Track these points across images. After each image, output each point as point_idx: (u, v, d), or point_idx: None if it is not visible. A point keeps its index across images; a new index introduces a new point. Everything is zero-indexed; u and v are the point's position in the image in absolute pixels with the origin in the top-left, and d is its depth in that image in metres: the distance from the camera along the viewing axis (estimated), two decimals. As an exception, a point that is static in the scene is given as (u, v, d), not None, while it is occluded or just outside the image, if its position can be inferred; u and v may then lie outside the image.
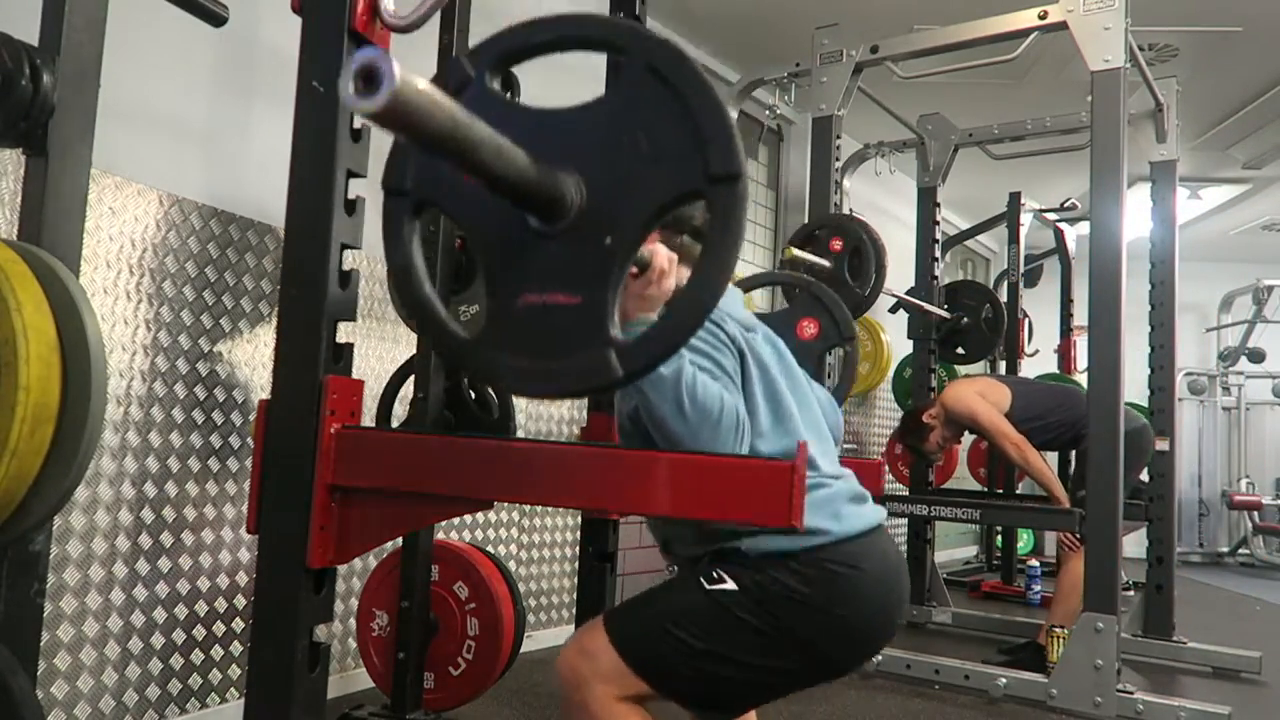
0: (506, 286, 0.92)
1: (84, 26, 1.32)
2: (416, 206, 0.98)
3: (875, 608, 1.38)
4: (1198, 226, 7.05)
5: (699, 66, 0.88)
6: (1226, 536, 8.02)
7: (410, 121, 0.67)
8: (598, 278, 0.88)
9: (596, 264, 0.88)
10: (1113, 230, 2.84)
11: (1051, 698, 2.78)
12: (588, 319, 0.87)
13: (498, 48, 0.96)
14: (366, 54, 0.63)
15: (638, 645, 1.35)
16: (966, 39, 3.18)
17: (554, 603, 3.44)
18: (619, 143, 0.89)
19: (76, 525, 1.99)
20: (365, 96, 0.62)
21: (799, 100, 4.29)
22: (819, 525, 1.35)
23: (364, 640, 2.31)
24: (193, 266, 2.25)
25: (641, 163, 0.88)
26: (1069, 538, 3.31)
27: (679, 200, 0.88)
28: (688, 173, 0.86)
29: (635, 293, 1.25)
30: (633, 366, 0.86)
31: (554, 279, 0.90)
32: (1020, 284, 5.26)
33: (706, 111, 0.86)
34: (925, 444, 3.73)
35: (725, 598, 1.33)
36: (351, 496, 1.11)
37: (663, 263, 1.25)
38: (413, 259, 0.96)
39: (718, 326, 1.38)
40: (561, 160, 0.89)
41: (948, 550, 6.58)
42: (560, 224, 0.89)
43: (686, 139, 0.86)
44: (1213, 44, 4.21)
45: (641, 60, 0.89)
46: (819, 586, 1.33)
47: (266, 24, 2.42)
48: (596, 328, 0.87)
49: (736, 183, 0.84)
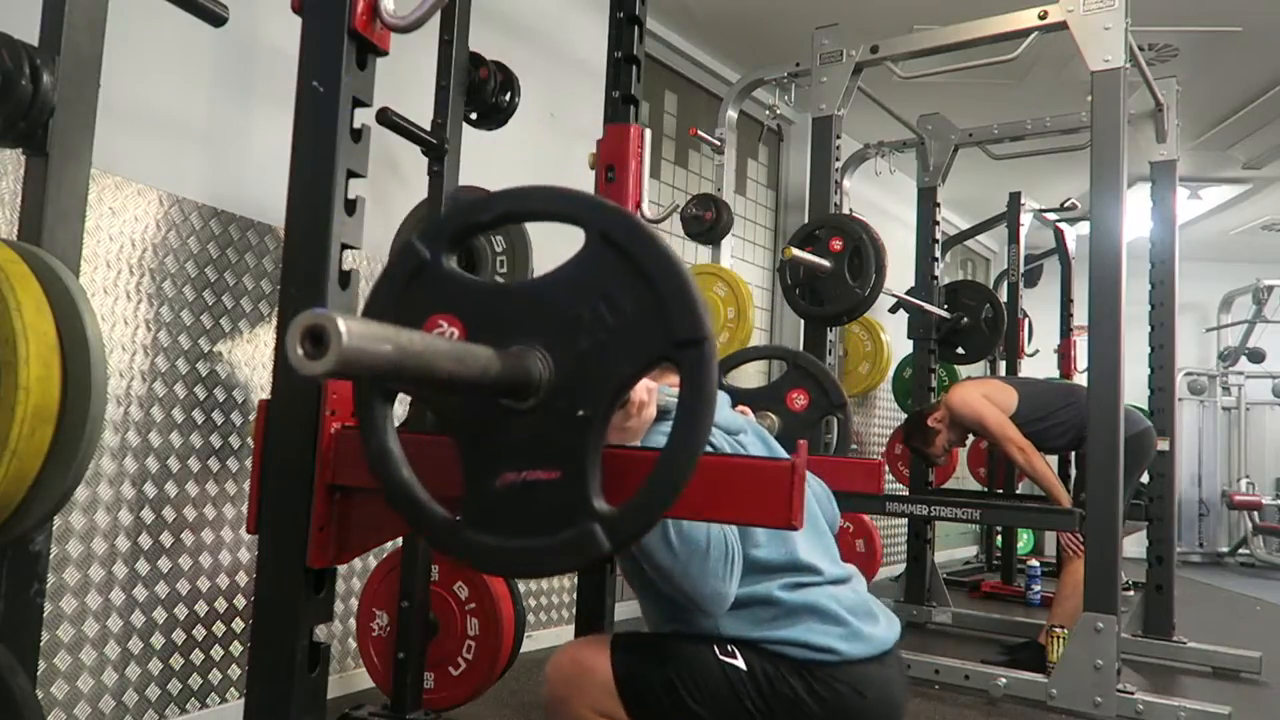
0: (483, 467, 0.91)
1: (84, 26, 1.32)
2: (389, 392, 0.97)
3: None
4: (1198, 226, 7.05)
5: (652, 232, 0.88)
6: (1226, 536, 8.01)
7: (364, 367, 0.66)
8: (575, 450, 0.87)
9: (572, 436, 0.87)
10: (1113, 230, 2.84)
11: (1051, 698, 2.78)
12: (570, 494, 0.87)
13: (448, 228, 0.97)
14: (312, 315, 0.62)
15: (637, 679, 1.36)
16: (966, 39, 3.18)
17: (554, 603, 3.44)
18: (581, 314, 0.88)
19: (76, 525, 1.99)
20: (315, 358, 0.62)
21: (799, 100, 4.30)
22: (830, 644, 1.36)
23: (364, 640, 2.31)
24: (193, 266, 2.25)
25: (606, 333, 0.87)
26: (1072, 542, 3.31)
27: (648, 366, 0.87)
28: (653, 340, 0.86)
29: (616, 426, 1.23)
30: (620, 539, 0.86)
31: (530, 455, 0.89)
32: (1020, 284, 5.26)
33: (665, 277, 0.85)
34: (931, 448, 3.72)
35: (732, 673, 1.35)
36: (351, 496, 1.11)
37: (641, 395, 1.23)
38: (388, 444, 0.95)
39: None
40: (525, 335, 0.89)
41: (948, 550, 6.58)
42: (530, 401, 0.89)
43: (648, 306, 0.86)
44: (1213, 44, 4.21)
45: (595, 229, 0.89)
46: (824, 705, 1.35)
47: (266, 24, 2.42)
48: (579, 502, 0.86)
49: (702, 346, 0.83)
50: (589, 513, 0.86)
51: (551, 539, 0.87)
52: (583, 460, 0.87)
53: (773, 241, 5.20)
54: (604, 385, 0.87)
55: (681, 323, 0.84)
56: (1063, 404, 3.45)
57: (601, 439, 0.88)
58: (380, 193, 2.67)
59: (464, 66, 2.22)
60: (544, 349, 0.89)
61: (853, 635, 1.39)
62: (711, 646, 1.37)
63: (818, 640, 1.36)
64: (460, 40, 2.20)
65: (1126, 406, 2.90)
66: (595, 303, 0.88)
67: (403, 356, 0.70)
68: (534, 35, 3.40)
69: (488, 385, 0.84)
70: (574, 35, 3.54)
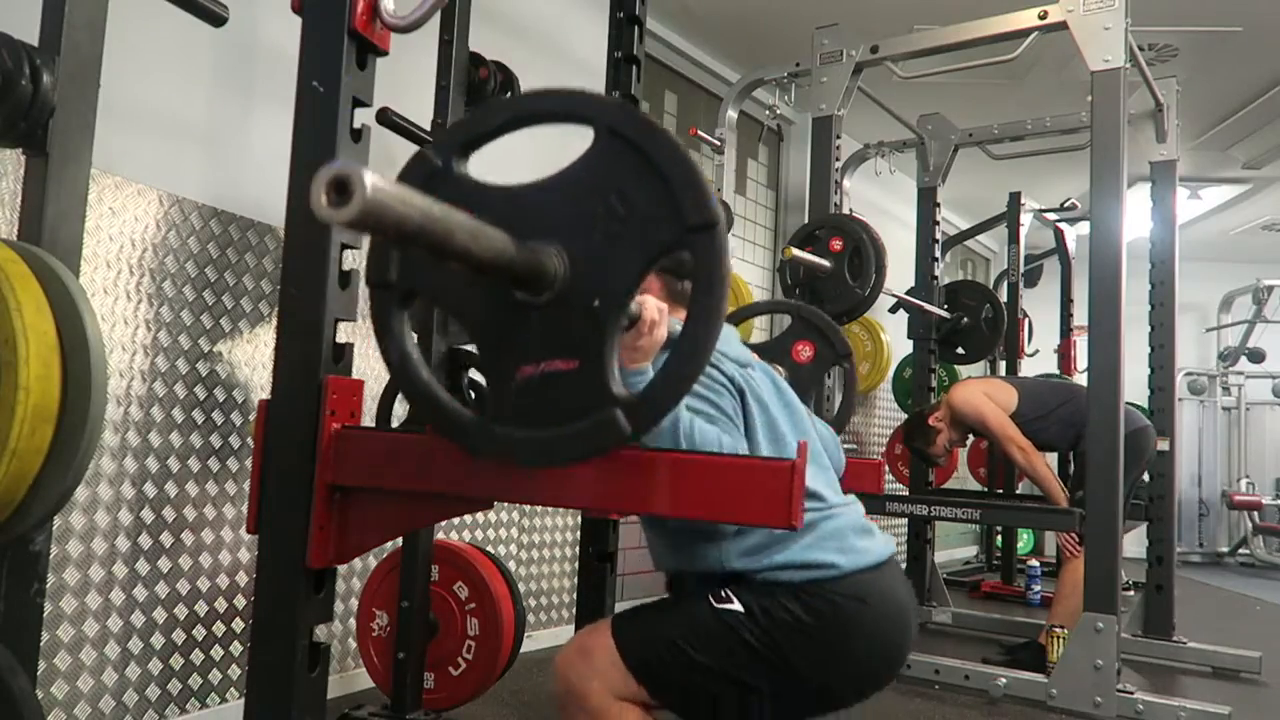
0: (502, 362, 0.93)
1: (84, 26, 1.32)
2: (404, 297, 0.99)
3: (878, 643, 1.39)
4: (1198, 226, 7.05)
5: (658, 124, 0.89)
6: (1226, 536, 8.01)
7: (385, 223, 0.67)
8: (593, 340, 0.89)
9: (589, 327, 0.89)
10: (1113, 230, 2.84)
11: (1051, 698, 2.78)
12: (589, 382, 0.88)
13: (459, 136, 0.99)
14: (337, 165, 0.63)
15: (640, 648, 1.37)
16: (966, 39, 3.18)
17: (554, 603, 3.44)
18: (594, 209, 0.90)
19: (76, 525, 1.99)
20: (338, 206, 0.63)
21: (799, 100, 4.29)
22: (826, 559, 1.37)
23: (364, 640, 2.31)
24: (193, 266, 2.25)
25: (619, 224, 0.89)
26: (1069, 542, 3.31)
27: (661, 254, 0.89)
28: (665, 228, 0.87)
29: (628, 345, 1.25)
30: (641, 422, 0.87)
31: (548, 348, 0.91)
32: (1020, 284, 5.26)
33: (673, 164, 0.87)
34: (932, 447, 3.71)
35: (730, 617, 1.35)
36: (351, 496, 1.11)
37: (652, 314, 1.24)
38: (407, 349, 0.97)
39: (715, 368, 1.40)
40: (541, 233, 0.90)
41: (948, 550, 6.58)
42: (546, 295, 0.90)
43: (659, 195, 0.87)
44: (1213, 44, 4.21)
45: (603, 125, 0.90)
46: (823, 618, 1.35)
47: (266, 24, 2.42)
48: (599, 389, 0.88)
49: (714, 230, 0.85)
50: (609, 399, 0.87)
51: (574, 427, 0.88)
52: (600, 349, 0.88)
53: (773, 241, 5.20)
54: (619, 276, 0.88)
55: (692, 210, 0.85)
56: (1061, 401, 3.45)
57: (618, 329, 0.89)
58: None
59: (464, 66, 2.22)
60: (559, 245, 0.90)
61: (848, 549, 1.40)
62: (706, 598, 1.37)
63: (814, 557, 1.37)
64: (460, 40, 2.20)
65: (1124, 404, 2.90)
66: (607, 197, 0.89)
67: (423, 219, 0.71)
68: (534, 35, 3.40)
69: (503, 268, 0.85)
70: (574, 35, 3.54)
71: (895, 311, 4.51)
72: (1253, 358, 7.51)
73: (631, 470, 1.01)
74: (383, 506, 1.11)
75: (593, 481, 1.02)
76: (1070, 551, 3.29)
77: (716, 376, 1.40)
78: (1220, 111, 5.05)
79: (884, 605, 1.39)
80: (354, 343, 1.15)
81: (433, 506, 1.16)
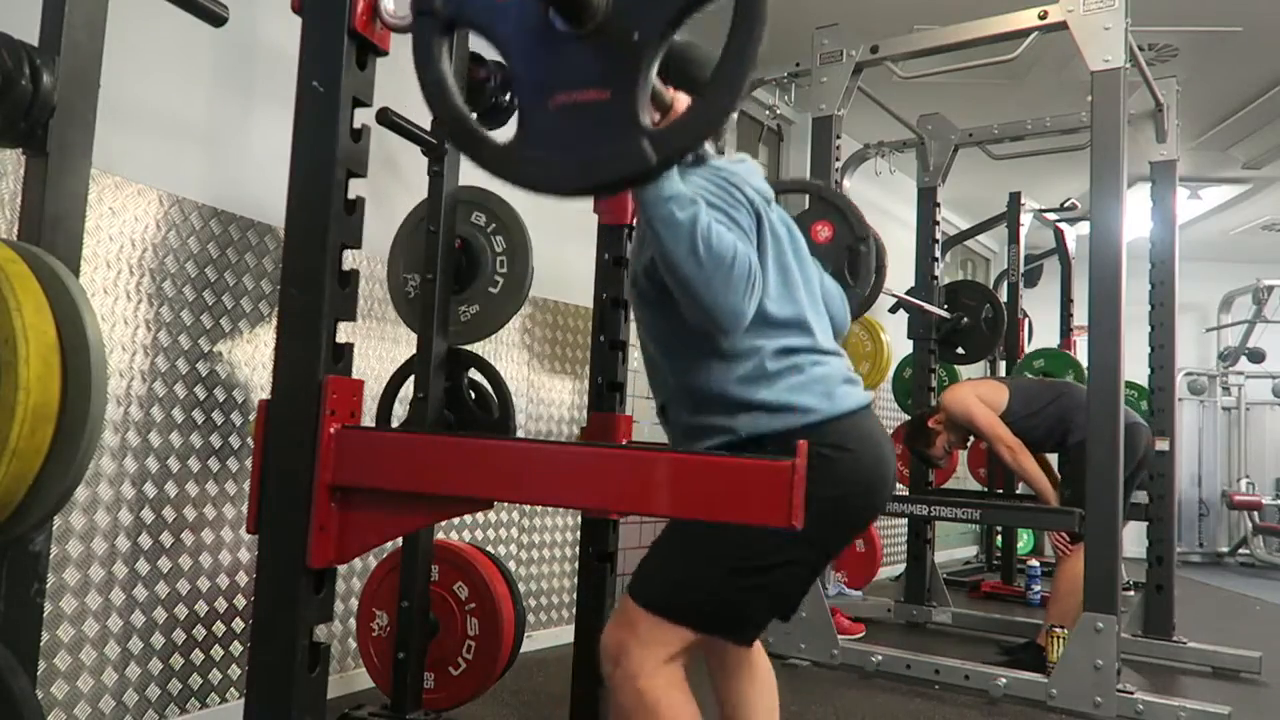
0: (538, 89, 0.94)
1: (84, 26, 1.32)
2: (446, 24, 0.99)
3: (862, 489, 1.42)
4: (1198, 226, 7.06)
5: None
6: (1226, 536, 8.02)
7: None
8: (627, 72, 0.89)
9: (625, 59, 0.89)
10: (1113, 230, 2.84)
11: (1051, 698, 2.78)
12: (619, 111, 0.89)
13: None
14: None
15: (661, 592, 1.40)
16: (966, 39, 3.18)
17: (554, 603, 3.44)
18: None
19: (76, 525, 1.99)
20: None
21: (799, 100, 4.29)
22: (811, 404, 1.39)
23: (364, 640, 2.31)
24: (193, 266, 2.25)
25: None
26: (1062, 542, 3.31)
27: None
28: None
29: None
30: (666, 152, 0.87)
31: (584, 77, 0.91)
32: (1020, 284, 5.26)
33: None
34: (932, 449, 3.72)
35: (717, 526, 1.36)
36: (351, 496, 1.11)
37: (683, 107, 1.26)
38: (444, 75, 0.98)
39: (737, 188, 1.40)
40: None
41: (948, 550, 6.58)
42: (589, 25, 0.91)
43: None
44: (1213, 44, 4.21)
45: None
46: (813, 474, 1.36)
47: (266, 24, 2.42)
48: (629, 118, 0.88)
49: None
50: (637, 128, 0.88)
51: (601, 150, 0.89)
52: (634, 80, 0.88)
53: (773, 241, 5.19)
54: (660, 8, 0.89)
55: None
56: (1050, 399, 3.46)
57: (653, 65, 0.90)
58: (380, 193, 2.66)
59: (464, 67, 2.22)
60: None
61: (832, 394, 1.41)
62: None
63: (797, 399, 1.38)
64: (460, 40, 2.20)
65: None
66: None
67: None
68: (534, 35, 3.40)
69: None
70: (574, 35, 3.53)
71: (895, 311, 4.51)
72: (1253, 358, 7.52)
73: (631, 470, 1.01)
74: (383, 506, 1.11)
75: (592, 481, 1.02)
76: (1063, 550, 3.29)
77: (738, 194, 1.40)
78: (1220, 111, 5.05)
79: (864, 450, 1.41)
80: (354, 343, 1.15)
81: (433, 507, 1.15)
